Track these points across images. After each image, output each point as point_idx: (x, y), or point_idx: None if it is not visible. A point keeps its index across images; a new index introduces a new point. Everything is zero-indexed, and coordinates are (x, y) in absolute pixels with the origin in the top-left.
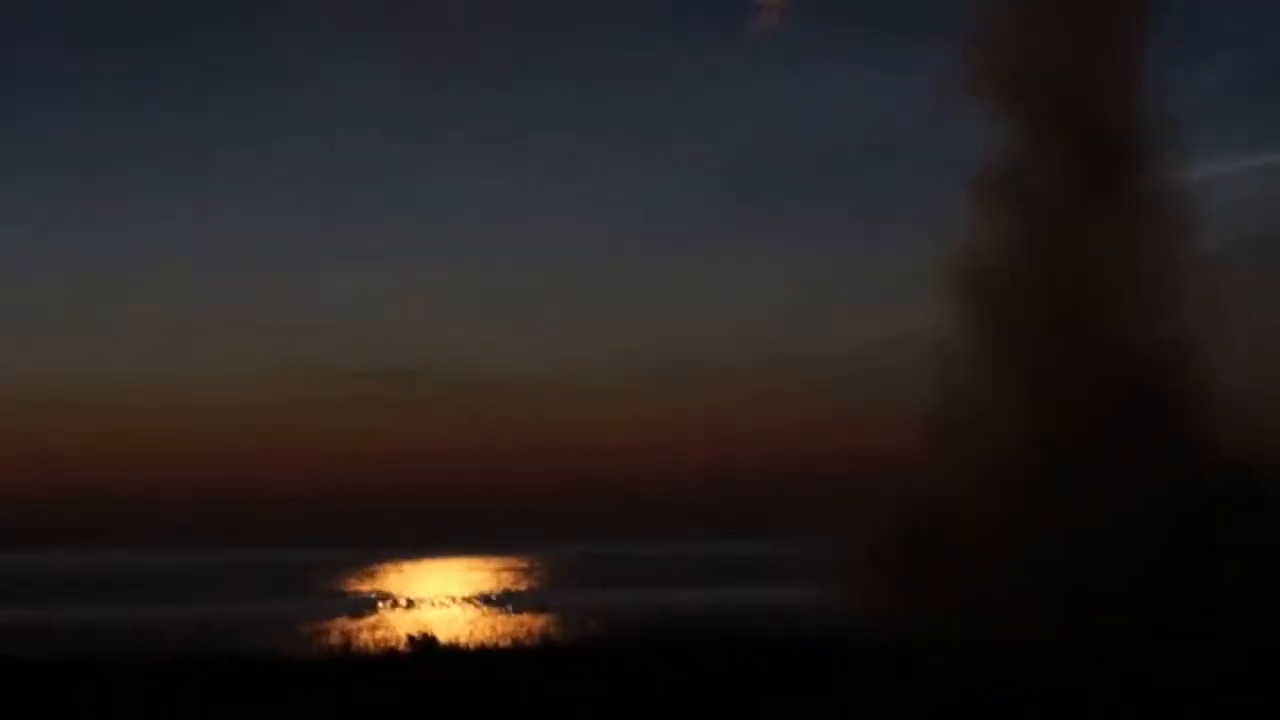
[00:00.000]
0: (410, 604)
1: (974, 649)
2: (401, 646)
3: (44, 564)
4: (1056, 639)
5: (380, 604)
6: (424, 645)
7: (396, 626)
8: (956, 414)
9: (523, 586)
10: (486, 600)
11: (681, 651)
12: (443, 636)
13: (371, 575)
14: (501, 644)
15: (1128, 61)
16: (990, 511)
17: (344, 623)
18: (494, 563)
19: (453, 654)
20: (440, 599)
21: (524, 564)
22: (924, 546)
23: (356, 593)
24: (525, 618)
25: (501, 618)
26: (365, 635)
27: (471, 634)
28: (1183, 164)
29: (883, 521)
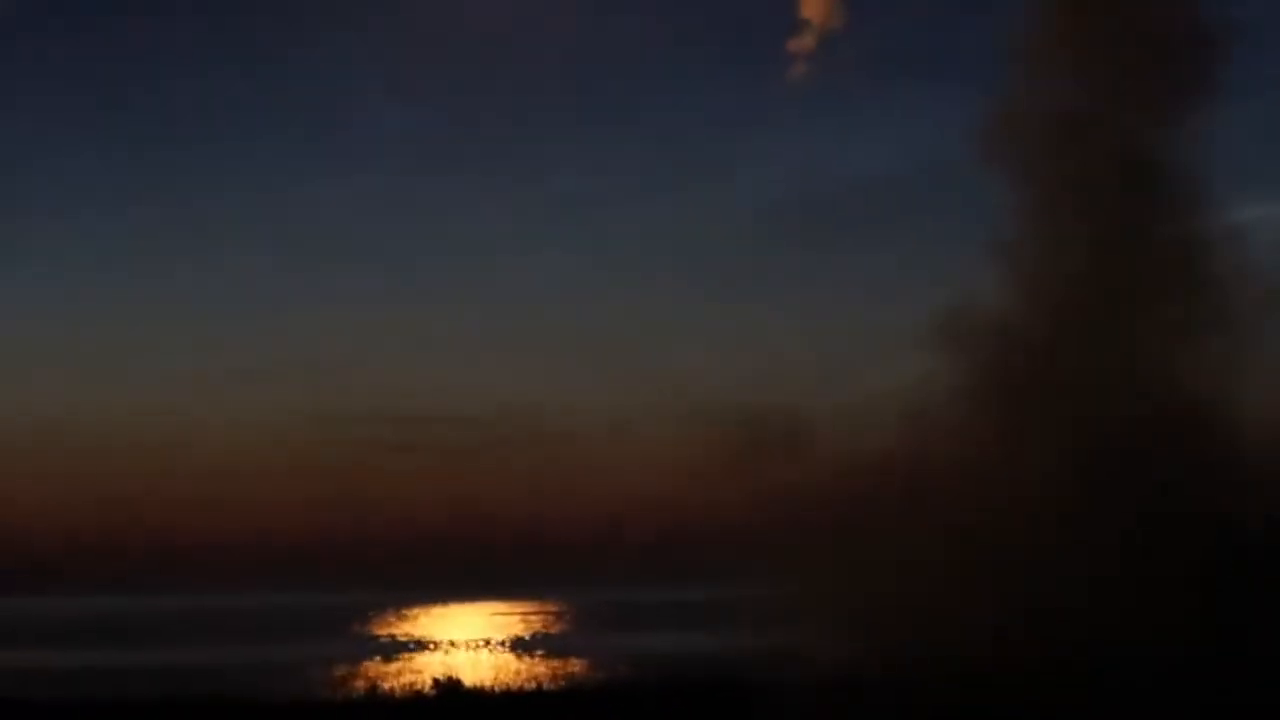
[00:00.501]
0: (437, 647)
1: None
2: (427, 690)
3: (72, 608)
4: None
5: (408, 648)
6: (449, 689)
7: (423, 670)
8: (932, 466)
9: (551, 630)
10: (514, 644)
11: (707, 696)
12: (469, 680)
13: (400, 619)
14: (527, 687)
15: (1156, 108)
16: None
17: (372, 666)
18: (522, 607)
19: (478, 697)
20: (468, 642)
21: (552, 608)
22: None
23: (385, 636)
24: (553, 661)
25: (529, 661)
26: (392, 679)
27: (498, 677)
28: (1214, 211)
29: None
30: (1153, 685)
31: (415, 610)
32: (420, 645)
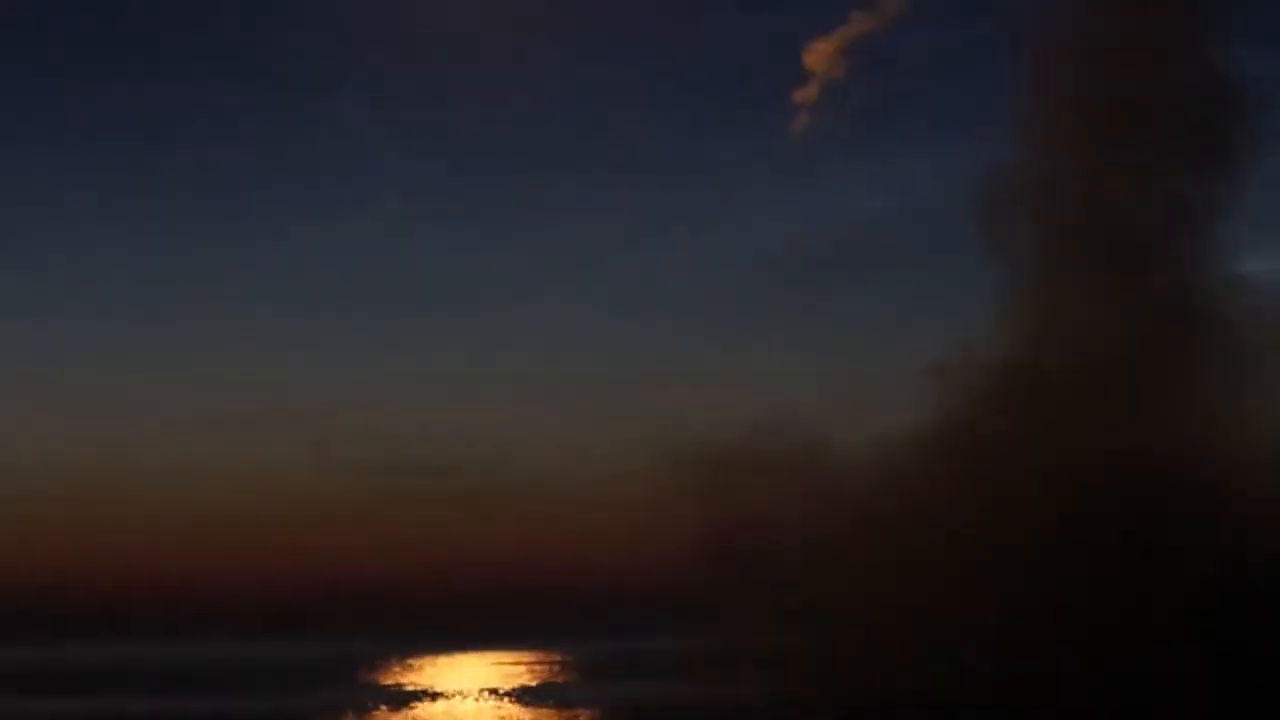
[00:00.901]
0: (445, 697)
1: None
2: None
3: (75, 656)
4: None
5: (416, 697)
6: None
7: None
8: (901, 510)
9: (558, 680)
10: (522, 694)
11: None
12: None
13: (405, 668)
14: None
15: (1153, 175)
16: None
17: (380, 716)
18: (525, 656)
19: None
20: (475, 692)
21: (555, 657)
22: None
23: (391, 686)
24: (564, 712)
25: (539, 713)
26: None
27: None
28: (1216, 260)
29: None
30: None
31: (419, 660)
32: (428, 695)
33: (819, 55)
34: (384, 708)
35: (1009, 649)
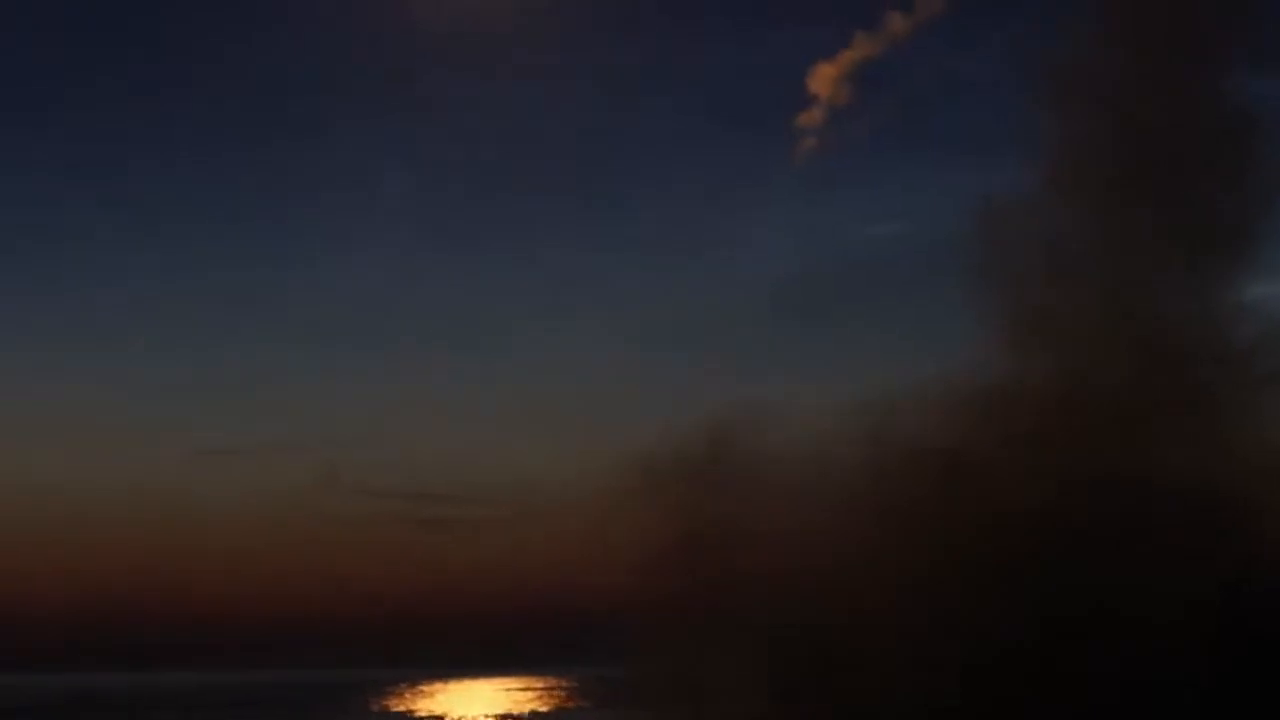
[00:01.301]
0: None
1: None
2: None
3: (91, 682)
4: None
5: None
6: None
7: None
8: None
9: (568, 706)
10: (531, 719)
11: None
12: None
13: (415, 695)
14: None
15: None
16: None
17: None
18: (533, 682)
19: None
20: (483, 717)
21: (563, 683)
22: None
23: (403, 713)
24: None
25: None
26: None
27: None
28: (1218, 289)
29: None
30: None
31: (429, 686)
32: None
33: (823, 79)
34: None
35: (990, 672)
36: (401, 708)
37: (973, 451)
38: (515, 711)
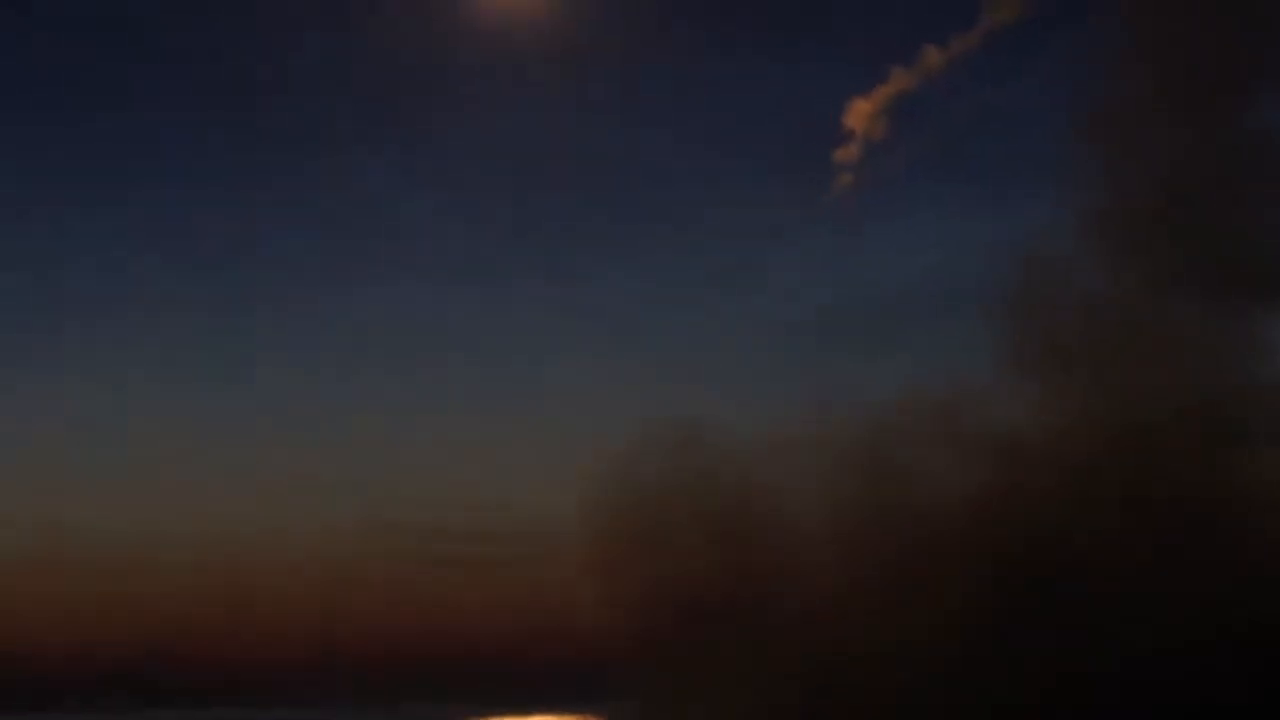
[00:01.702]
0: None
1: None
2: None
3: None
4: None
5: None
6: None
7: None
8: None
9: None
10: None
11: None
12: None
13: None
14: None
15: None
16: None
17: None
18: (563, 719)
19: None
20: None
21: None
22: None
23: None
24: None
25: None
26: None
27: None
28: (1243, 322)
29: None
30: None
31: None
32: None
33: (860, 114)
34: None
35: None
36: None
37: (1002, 486)
38: None
